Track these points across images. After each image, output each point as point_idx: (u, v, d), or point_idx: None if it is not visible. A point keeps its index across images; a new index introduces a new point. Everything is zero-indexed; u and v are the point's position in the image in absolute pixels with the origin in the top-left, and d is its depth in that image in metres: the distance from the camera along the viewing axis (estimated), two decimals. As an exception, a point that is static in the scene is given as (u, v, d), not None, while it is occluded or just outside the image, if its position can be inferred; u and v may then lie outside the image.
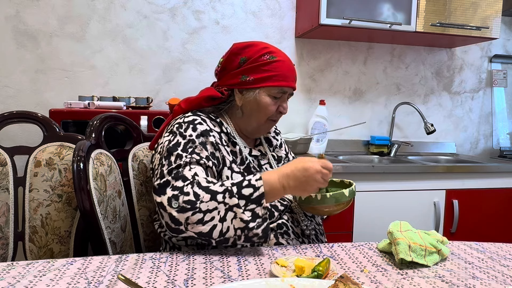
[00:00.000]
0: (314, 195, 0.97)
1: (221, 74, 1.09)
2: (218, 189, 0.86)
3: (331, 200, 0.97)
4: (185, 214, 0.83)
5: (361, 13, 2.04)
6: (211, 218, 0.84)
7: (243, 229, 0.84)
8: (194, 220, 0.83)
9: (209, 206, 0.84)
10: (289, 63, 1.06)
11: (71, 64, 2.09)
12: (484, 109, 2.76)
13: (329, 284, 0.62)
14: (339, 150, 2.48)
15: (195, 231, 0.84)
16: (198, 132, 0.98)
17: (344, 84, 2.49)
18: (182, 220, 0.83)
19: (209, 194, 0.85)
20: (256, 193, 0.86)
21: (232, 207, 0.84)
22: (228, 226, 0.84)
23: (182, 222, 0.83)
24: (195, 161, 0.92)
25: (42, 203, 1.11)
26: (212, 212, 0.84)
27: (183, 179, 0.88)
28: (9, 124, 1.14)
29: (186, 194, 0.85)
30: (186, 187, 0.86)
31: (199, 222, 0.83)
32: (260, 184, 0.87)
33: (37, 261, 0.78)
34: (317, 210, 1.01)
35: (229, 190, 0.86)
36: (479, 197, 2.05)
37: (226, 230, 0.84)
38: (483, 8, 2.19)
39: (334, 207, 0.98)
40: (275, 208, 1.03)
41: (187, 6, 2.21)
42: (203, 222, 0.83)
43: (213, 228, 0.84)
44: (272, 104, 1.06)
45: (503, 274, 0.78)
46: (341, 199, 0.97)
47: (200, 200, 0.84)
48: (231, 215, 0.84)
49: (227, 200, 0.85)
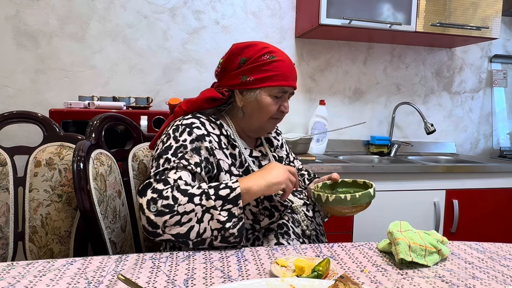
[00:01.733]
0: (343, 196, 0.98)
1: (221, 75, 1.09)
2: (195, 192, 0.87)
3: (354, 201, 0.98)
4: (163, 218, 0.84)
5: (361, 13, 2.04)
6: (189, 219, 0.85)
7: (219, 230, 0.86)
8: (171, 223, 0.84)
9: (186, 208, 0.85)
10: (289, 62, 1.06)
11: (71, 64, 2.09)
12: (484, 109, 2.76)
13: (329, 284, 0.62)
14: (339, 150, 2.48)
15: (172, 232, 0.85)
16: (193, 137, 0.98)
17: (344, 84, 2.49)
18: (160, 223, 0.84)
19: (187, 196, 0.86)
20: (232, 193, 0.88)
21: (209, 209, 0.86)
22: (205, 227, 0.86)
23: (160, 225, 0.84)
24: (182, 166, 0.92)
25: (42, 203, 1.11)
26: (190, 214, 0.85)
27: (164, 182, 0.88)
28: (9, 124, 1.14)
29: (165, 198, 0.85)
30: (165, 190, 0.87)
31: (177, 223, 0.85)
32: (236, 186, 0.89)
33: (37, 261, 0.78)
34: (337, 211, 1.02)
35: (205, 192, 0.87)
36: (479, 197, 2.05)
37: (203, 231, 0.86)
38: (483, 8, 2.19)
39: (356, 208, 1.00)
40: (275, 208, 1.03)
41: (187, 6, 2.21)
42: (181, 224, 0.85)
43: (190, 229, 0.85)
44: (273, 104, 1.05)
45: (503, 274, 0.78)
46: (359, 201, 0.98)
47: (178, 203, 0.85)
48: (208, 216, 0.86)
49: (204, 202, 0.86)
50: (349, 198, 0.97)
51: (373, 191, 1.01)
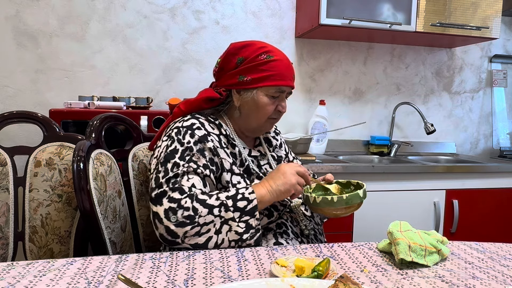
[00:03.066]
0: (330, 197, 0.97)
1: (219, 74, 1.09)
2: (214, 203, 0.89)
3: (341, 203, 0.97)
4: (184, 229, 0.86)
5: (361, 13, 2.04)
6: (207, 230, 0.87)
7: (237, 241, 0.89)
8: (192, 233, 0.86)
9: (206, 219, 0.87)
10: (287, 62, 1.06)
11: (71, 64, 2.09)
12: (484, 109, 2.76)
13: (329, 284, 0.62)
14: (339, 150, 2.48)
15: (191, 242, 0.87)
16: (196, 139, 0.98)
17: (344, 84, 2.49)
18: (181, 234, 0.86)
19: (207, 208, 0.88)
20: (249, 205, 0.90)
21: (227, 220, 0.88)
22: (223, 238, 0.88)
23: (180, 235, 0.86)
24: (192, 170, 0.93)
25: (42, 203, 1.11)
26: (209, 225, 0.87)
27: (180, 191, 0.89)
28: (9, 124, 1.14)
29: (185, 209, 0.87)
30: (183, 200, 0.88)
31: (196, 234, 0.87)
32: (253, 197, 0.91)
33: (37, 261, 0.78)
34: (326, 213, 1.00)
35: (224, 204, 0.89)
36: (479, 197, 2.05)
37: (221, 242, 0.88)
38: (483, 8, 2.19)
39: (344, 209, 0.99)
40: (274, 208, 1.03)
41: (187, 6, 2.21)
42: (200, 234, 0.87)
43: (209, 240, 0.87)
44: (270, 103, 1.05)
45: (503, 274, 0.78)
46: (348, 203, 0.97)
47: (198, 214, 0.87)
48: (226, 228, 0.88)
49: (223, 214, 0.88)
50: (335, 200, 0.96)
51: (362, 192, 0.99)
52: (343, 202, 0.97)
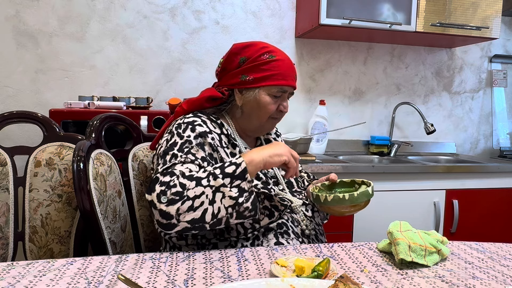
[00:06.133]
0: (341, 195, 0.98)
1: (221, 74, 1.10)
2: (201, 175, 0.87)
3: (352, 200, 0.97)
4: (175, 206, 0.83)
5: (361, 13, 2.04)
6: (201, 203, 0.84)
7: (233, 206, 0.86)
8: (184, 209, 0.83)
9: (196, 192, 0.85)
10: (289, 62, 1.07)
11: (71, 64, 2.09)
12: (484, 109, 2.76)
13: (329, 284, 0.62)
14: (339, 150, 2.48)
15: (187, 219, 0.84)
16: (196, 133, 0.98)
17: (344, 84, 2.49)
18: (173, 212, 0.83)
19: (194, 180, 0.86)
20: (238, 169, 0.88)
21: (218, 188, 0.86)
22: (219, 207, 0.86)
23: (173, 214, 0.83)
24: (190, 161, 0.92)
25: (42, 203, 1.11)
26: (201, 196, 0.85)
27: (171, 174, 0.88)
28: (9, 124, 1.14)
29: (173, 186, 0.85)
30: (172, 181, 0.86)
31: (190, 209, 0.84)
32: (241, 161, 0.89)
33: (37, 261, 0.78)
34: (336, 211, 1.01)
35: (212, 173, 0.87)
36: (479, 197, 2.05)
37: (217, 211, 0.86)
38: (483, 8, 2.19)
39: (354, 207, 0.99)
40: (275, 208, 1.03)
41: (187, 6, 2.21)
42: (194, 208, 0.84)
43: (205, 212, 0.85)
44: (272, 103, 1.06)
45: (503, 274, 0.78)
46: (358, 200, 0.98)
47: (186, 188, 0.85)
48: (219, 195, 0.86)
49: (212, 183, 0.86)
50: (347, 198, 0.97)
51: (371, 190, 1.01)
52: (354, 200, 0.97)
